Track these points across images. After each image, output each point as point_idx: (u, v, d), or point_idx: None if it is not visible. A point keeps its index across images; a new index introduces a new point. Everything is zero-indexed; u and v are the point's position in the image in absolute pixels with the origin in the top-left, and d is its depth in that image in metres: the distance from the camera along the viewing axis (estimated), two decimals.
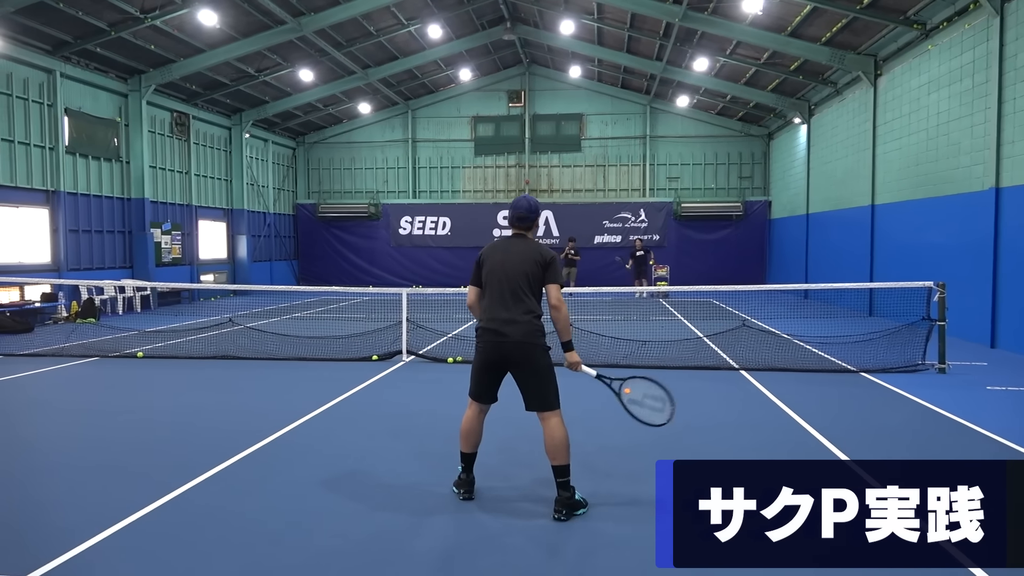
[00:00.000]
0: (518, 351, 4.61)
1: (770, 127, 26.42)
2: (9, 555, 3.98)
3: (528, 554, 4.06)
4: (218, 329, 13.58)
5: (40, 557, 3.92)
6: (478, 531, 4.40)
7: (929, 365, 9.71)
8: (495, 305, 4.68)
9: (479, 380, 4.79)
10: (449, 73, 26.70)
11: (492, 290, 4.72)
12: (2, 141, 15.59)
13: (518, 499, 4.89)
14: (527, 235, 4.93)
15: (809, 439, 6.41)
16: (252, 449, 6.05)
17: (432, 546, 4.16)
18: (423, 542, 4.21)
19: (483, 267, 4.81)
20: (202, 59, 19.21)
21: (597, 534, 4.30)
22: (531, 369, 4.62)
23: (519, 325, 4.60)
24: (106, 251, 18.80)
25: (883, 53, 16.20)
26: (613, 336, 11.60)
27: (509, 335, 4.59)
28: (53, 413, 7.52)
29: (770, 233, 26.51)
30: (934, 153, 13.97)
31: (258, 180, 26.18)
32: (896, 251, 15.65)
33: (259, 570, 3.82)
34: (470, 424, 4.85)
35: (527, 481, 5.24)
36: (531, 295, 4.68)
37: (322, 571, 3.83)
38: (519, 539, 4.24)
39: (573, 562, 4.00)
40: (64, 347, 11.89)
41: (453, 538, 4.31)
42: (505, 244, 4.86)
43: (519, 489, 5.09)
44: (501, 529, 4.40)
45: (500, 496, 4.94)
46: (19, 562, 3.87)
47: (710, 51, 20.32)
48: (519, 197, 4.95)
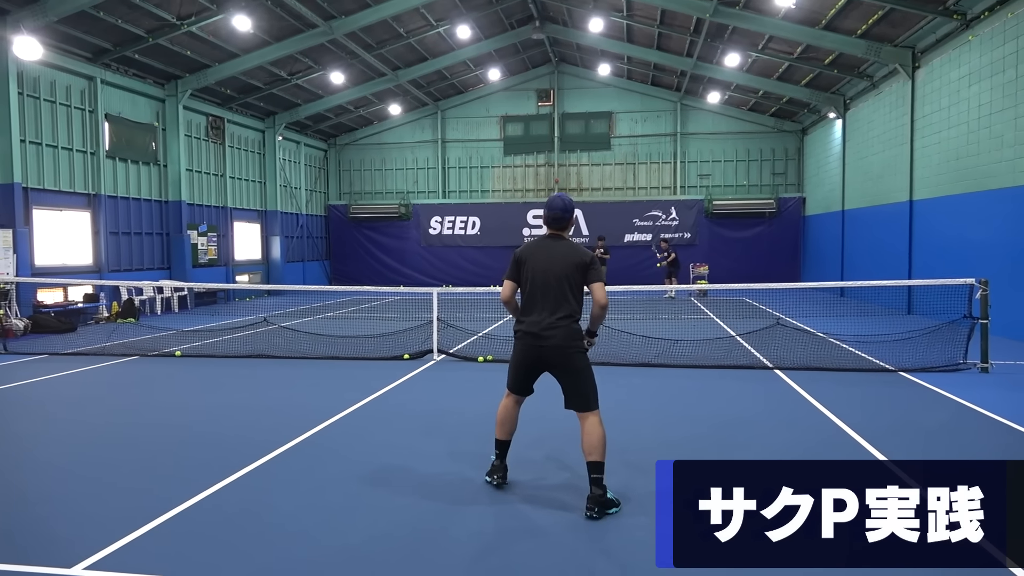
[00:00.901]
0: (557, 355, 4.69)
1: (804, 122, 26.02)
2: (53, 549, 4.09)
3: (559, 546, 4.06)
4: (253, 329, 13.80)
5: (84, 550, 4.03)
6: (512, 521, 4.40)
7: (971, 364, 9.48)
8: (536, 309, 4.74)
9: (517, 376, 4.90)
10: (478, 73, 26.77)
11: (533, 293, 4.76)
12: (47, 147, 16.03)
13: (549, 493, 4.89)
14: (564, 235, 4.93)
15: (846, 439, 6.31)
16: (288, 446, 6.14)
17: (470, 532, 4.18)
18: (460, 529, 4.23)
19: (522, 266, 4.84)
20: (236, 63, 19.53)
21: (630, 528, 4.29)
22: (571, 371, 4.70)
23: (559, 330, 4.67)
24: (145, 253, 19.21)
25: (921, 45, 15.86)
26: (644, 335, 11.53)
27: (548, 339, 4.67)
28: (95, 410, 7.70)
29: (804, 230, 26.12)
30: (975, 147, 13.64)
31: (291, 182, 26.53)
32: (936, 247, 15.31)
33: (297, 563, 3.87)
34: (507, 413, 4.97)
35: (560, 478, 5.24)
36: (573, 298, 4.73)
37: (363, 561, 3.87)
38: (553, 531, 4.24)
39: (600, 557, 3.98)
40: (105, 346, 12.18)
41: (490, 526, 4.33)
42: (546, 246, 4.85)
43: (551, 485, 5.08)
44: (534, 520, 4.40)
45: (532, 489, 4.94)
46: (63, 556, 3.97)
47: (742, 46, 20.08)
48: (554, 196, 4.94)
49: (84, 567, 3.84)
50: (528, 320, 4.76)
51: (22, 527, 4.43)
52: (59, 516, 4.62)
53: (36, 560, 3.92)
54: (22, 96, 15.25)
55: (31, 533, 4.34)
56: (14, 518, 4.59)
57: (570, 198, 4.97)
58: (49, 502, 4.90)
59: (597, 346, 5.30)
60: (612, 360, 10.15)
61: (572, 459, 5.51)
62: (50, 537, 4.27)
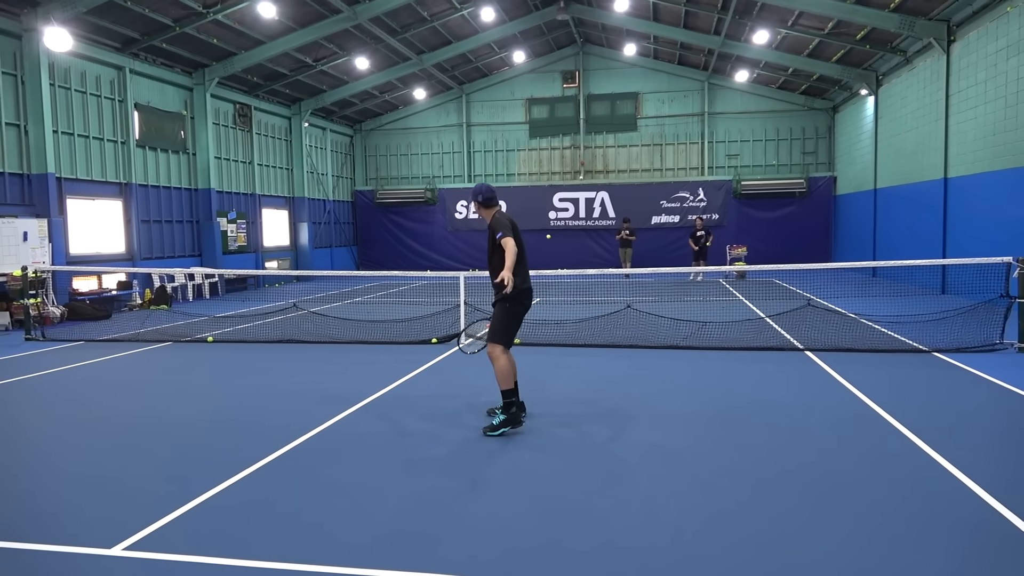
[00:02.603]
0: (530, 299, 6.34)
1: (835, 100, 25.49)
2: (92, 530, 4.20)
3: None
4: (283, 314, 13.97)
5: (122, 532, 4.13)
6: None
7: (1008, 344, 9.27)
8: (526, 268, 6.22)
9: (517, 329, 6.20)
10: (503, 56, 26.60)
11: (523, 256, 6.09)
12: (79, 137, 16.30)
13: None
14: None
15: (879, 421, 6.22)
16: (319, 429, 6.22)
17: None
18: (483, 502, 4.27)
19: (515, 231, 6.14)
20: (262, 51, 19.63)
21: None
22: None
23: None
24: (176, 240, 19.50)
25: (956, 18, 15.41)
26: (672, 317, 11.45)
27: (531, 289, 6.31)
28: (131, 395, 7.87)
29: (835, 210, 25.67)
30: (1013, 121, 13.25)
31: (317, 168, 26.70)
32: (971, 226, 14.95)
33: (332, 542, 3.93)
34: (513, 365, 6.10)
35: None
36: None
37: (392, 543, 3.91)
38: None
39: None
40: (139, 333, 12.42)
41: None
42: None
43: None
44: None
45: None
46: (102, 537, 4.08)
47: (771, 23, 19.68)
48: (481, 184, 6.49)
49: (123, 548, 3.94)
50: (526, 278, 6.22)
51: (62, 509, 4.55)
52: (97, 499, 4.74)
53: (76, 541, 4.03)
54: (53, 87, 15.50)
55: (71, 515, 4.45)
56: (54, 500, 4.72)
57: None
58: (88, 485, 5.02)
59: (623, 325, 6.45)
60: (640, 343, 10.11)
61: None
62: (89, 519, 4.38)
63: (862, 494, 4.52)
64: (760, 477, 4.87)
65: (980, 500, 4.37)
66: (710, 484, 4.78)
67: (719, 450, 5.51)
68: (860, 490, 4.59)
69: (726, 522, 4.14)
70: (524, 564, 3.68)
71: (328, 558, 3.77)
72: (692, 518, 4.22)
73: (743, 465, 5.13)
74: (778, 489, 4.64)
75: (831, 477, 4.84)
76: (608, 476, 4.96)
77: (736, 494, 4.57)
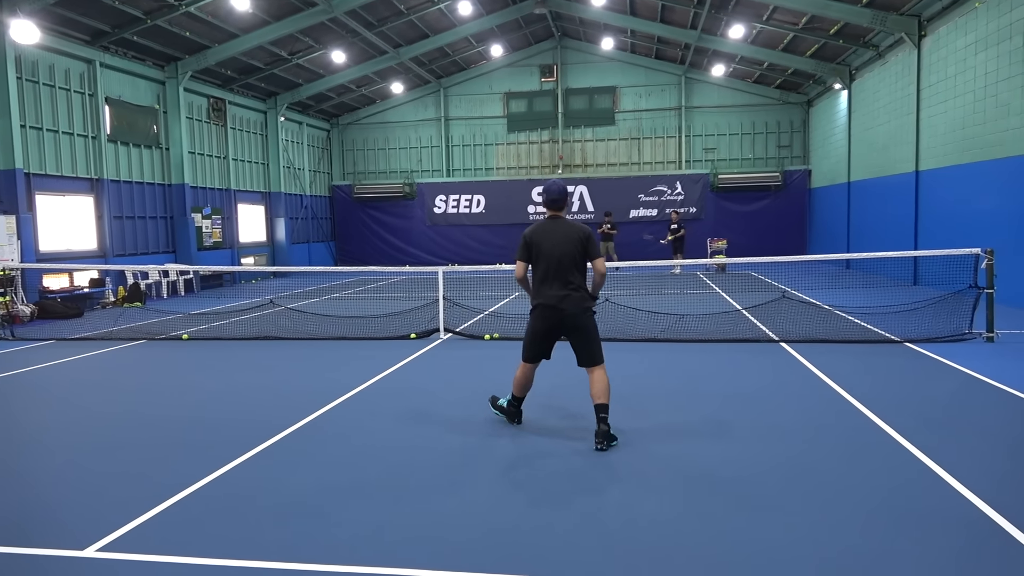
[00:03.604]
0: (572, 321, 5.54)
1: (809, 94, 25.76)
2: (65, 532, 4.14)
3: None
4: (260, 311, 13.85)
5: (95, 532, 4.08)
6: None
7: (977, 334, 9.46)
8: (549, 284, 5.56)
9: (535, 345, 5.73)
10: (480, 49, 26.53)
11: (545, 271, 5.55)
12: (48, 131, 16.00)
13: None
14: (562, 215, 5.73)
15: (853, 411, 6.32)
16: (298, 425, 6.18)
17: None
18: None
19: (532, 247, 5.60)
20: (236, 44, 19.40)
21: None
22: (583, 332, 5.56)
23: (572, 299, 5.52)
24: (149, 236, 19.25)
25: (927, 13, 15.62)
26: (650, 311, 11.53)
27: (565, 309, 5.52)
28: (104, 394, 7.76)
29: (810, 203, 25.98)
30: (982, 115, 13.49)
31: (294, 163, 26.47)
32: (941, 218, 15.21)
33: (311, 540, 3.91)
34: (526, 377, 5.88)
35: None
36: (578, 270, 5.58)
37: (375, 541, 3.91)
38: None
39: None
40: (112, 331, 12.25)
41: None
42: (551, 227, 5.63)
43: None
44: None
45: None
46: (75, 538, 4.03)
47: (746, 17, 19.83)
48: (550, 182, 5.80)
49: (96, 549, 3.89)
50: (546, 294, 5.56)
51: (34, 511, 4.48)
52: (71, 499, 4.68)
53: (49, 543, 3.97)
54: (21, 80, 15.19)
55: (43, 517, 4.39)
56: (26, 502, 4.65)
57: (563, 183, 5.92)
58: (60, 486, 4.96)
59: (601, 319, 6.06)
60: (618, 336, 10.17)
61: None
62: (62, 520, 4.32)
63: (835, 482, 4.58)
64: (734, 466, 4.93)
65: (949, 487, 4.46)
66: (680, 480, 4.82)
67: (690, 443, 5.56)
68: (833, 479, 4.66)
69: (705, 512, 4.19)
70: (516, 556, 3.70)
71: (307, 556, 3.75)
72: (669, 514, 4.26)
73: (715, 456, 5.18)
74: (751, 478, 4.70)
75: (804, 467, 4.91)
76: (579, 470, 5.00)
77: (710, 485, 4.63)
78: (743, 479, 4.71)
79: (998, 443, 5.37)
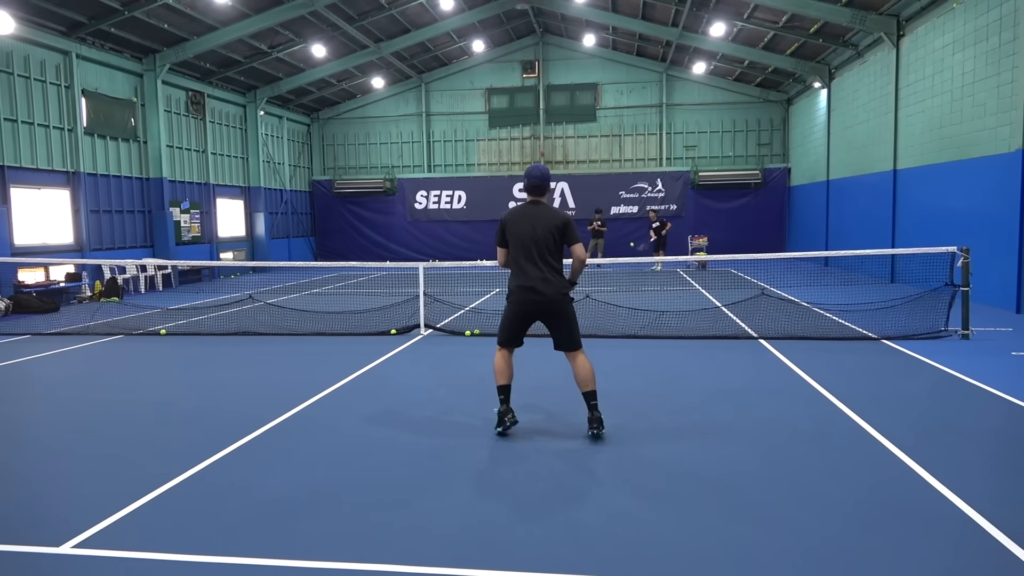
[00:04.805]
0: (550, 305, 5.47)
1: (789, 92, 25.97)
2: (40, 528, 4.08)
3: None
4: (239, 306, 13.73)
5: (72, 529, 4.02)
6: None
7: (952, 331, 9.60)
8: (527, 267, 5.47)
9: (512, 329, 5.62)
10: (462, 45, 26.45)
11: (523, 254, 5.48)
12: (22, 124, 15.72)
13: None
14: (542, 200, 5.67)
15: (828, 405, 6.38)
16: (277, 421, 6.14)
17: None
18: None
19: (507, 230, 5.56)
20: (215, 37, 19.17)
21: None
22: (561, 317, 5.50)
23: (550, 283, 5.45)
24: (127, 231, 18.99)
25: (906, 13, 15.80)
26: (630, 307, 11.58)
27: (544, 292, 5.44)
28: (80, 389, 7.66)
29: (790, 200, 26.21)
30: (959, 115, 13.67)
31: (274, 157, 26.24)
32: (919, 216, 15.41)
33: (289, 535, 3.89)
34: (504, 364, 5.64)
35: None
36: (556, 255, 5.52)
37: (352, 538, 3.89)
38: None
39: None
40: (89, 326, 12.08)
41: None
42: (528, 212, 5.57)
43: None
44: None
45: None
46: (51, 535, 3.97)
47: (727, 15, 19.94)
48: (532, 166, 5.70)
49: (72, 545, 3.84)
50: (521, 277, 5.49)
51: (9, 507, 4.41)
52: (46, 496, 4.61)
53: (24, 540, 3.91)
54: None
55: (18, 513, 4.32)
56: (0, 500, 4.57)
57: (546, 167, 5.74)
58: (36, 482, 4.88)
59: (581, 315, 6.00)
60: (599, 332, 10.19)
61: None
62: (38, 517, 4.26)
63: (814, 480, 4.63)
64: (714, 465, 4.96)
65: (926, 483, 4.53)
66: (658, 478, 4.85)
67: (671, 441, 5.59)
68: (813, 476, 4.71)
69: (684, 510, 4.22)
70: (485, 553, 3.70)
71: (287, 552, 3.73)
72: (651, 513, 4.28)
73: (695, 454, 5.21)
74: (729, 476, 4.74)
75: (783, 464, 4.96)
76: (559, 469, 5.01)
77: (688, 482, 4.66)
78: (722, 477, 4.75)
79: (974, 439, 5.45)
